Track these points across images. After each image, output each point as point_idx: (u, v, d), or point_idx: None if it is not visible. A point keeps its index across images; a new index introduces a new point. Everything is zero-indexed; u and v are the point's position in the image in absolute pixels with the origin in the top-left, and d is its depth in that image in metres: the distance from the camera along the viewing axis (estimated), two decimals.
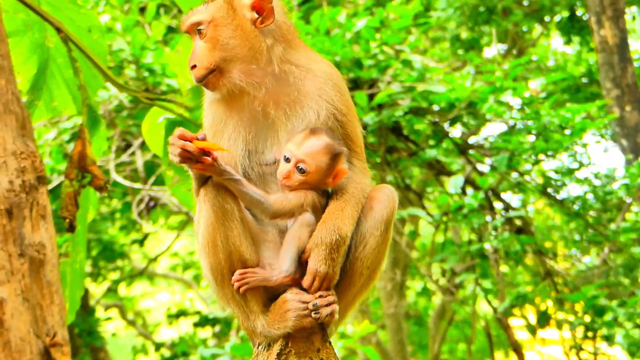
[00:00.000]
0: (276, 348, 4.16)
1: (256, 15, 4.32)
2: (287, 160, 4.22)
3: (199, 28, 4.32)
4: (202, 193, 4.23)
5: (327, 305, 4.10)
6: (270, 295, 4.23)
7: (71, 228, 5.57)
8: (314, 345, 4.15)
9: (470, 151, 14.53)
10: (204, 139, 4.14)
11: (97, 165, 5.72)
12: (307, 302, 4.10)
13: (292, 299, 4.12)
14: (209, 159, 4.05)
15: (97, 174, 5.68)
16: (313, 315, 4.08)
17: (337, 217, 4.18)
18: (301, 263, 4.18)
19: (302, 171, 4.20)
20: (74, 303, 6.18)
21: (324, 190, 4.36)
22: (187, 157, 4.08)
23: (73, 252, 6.11)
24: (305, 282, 4.13)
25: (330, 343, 4.23)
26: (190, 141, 4.09)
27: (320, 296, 4.10)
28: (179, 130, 4.13)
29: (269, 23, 4.32)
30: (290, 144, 4.25)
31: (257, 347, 4.29)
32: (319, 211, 4.29)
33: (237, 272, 4.16)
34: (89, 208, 6.20)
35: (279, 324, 4.12)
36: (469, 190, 14.15)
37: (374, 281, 4.51)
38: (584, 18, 21.04)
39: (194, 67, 4.28)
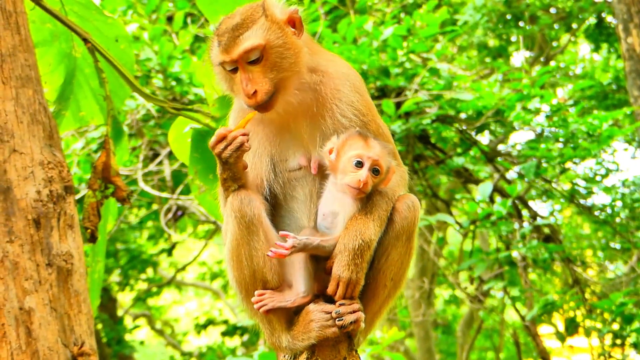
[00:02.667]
0: (302, 357, 4.14)
1: (292, 29, 4.26)
2: (360, 164, 4.11)
3: (252, 54, 4.15)
4: (228, 206, 4.19)
5: (351, 313, 4.06)
6: (294, 310, 4.21)
7: (92, 238, 5.59)
8: (340, 354, 4.13)
9: (498, 159, 14.50)
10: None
11: (120, 176, 5.74)
12: (330, 312, 4.06)
13: (315, 309, 4.09)
14: (285, 252, 4.00)
15: (120, 185, 5.70)
16: (337, 322, 4.04)
17: (360, 222, 4.12)
18: (326, 273, 4.15)
19: (377, 172, 4.13)
20: None
21: None
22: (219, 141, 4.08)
23: (92, 262, 6.13)
24: (330, 288, 4.08)
25: (356, 352, 4.20)
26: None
27: (343, 304, 4.07)
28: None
29: (302, 34, 4.28)
30: (356, 150, 4.14)
31: (284, 357, 4.28)
32: None
33: (256, 293, 4.16)
34: (108, 218, 6.22)
35: (303, 335, 4.09)
36: (497, 198, 14.12)
37: (399, 290, 4.45)
38: (612, 25, 20.93)
39: (254, 93, 4.12)
